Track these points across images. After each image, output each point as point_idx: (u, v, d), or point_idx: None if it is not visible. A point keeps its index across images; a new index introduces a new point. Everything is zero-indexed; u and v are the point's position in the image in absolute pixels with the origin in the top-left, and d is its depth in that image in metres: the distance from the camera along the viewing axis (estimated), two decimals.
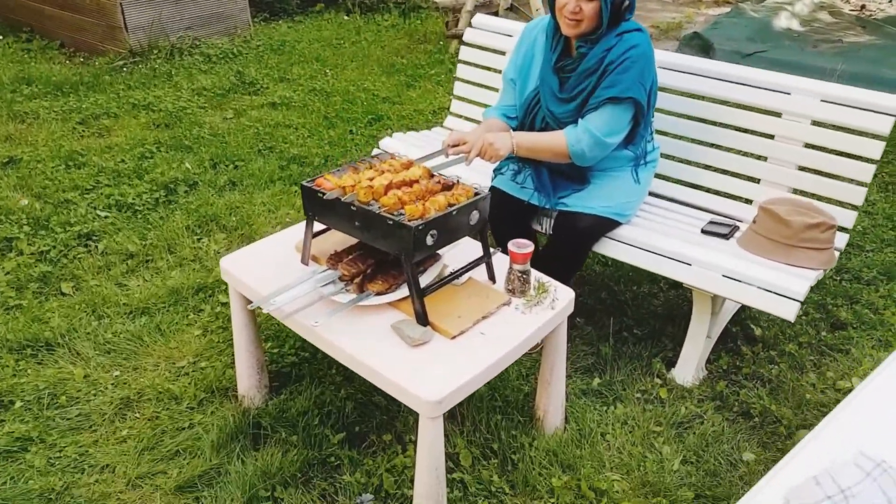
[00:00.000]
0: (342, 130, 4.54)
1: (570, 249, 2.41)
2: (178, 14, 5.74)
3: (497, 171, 2.58)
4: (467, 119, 3.38)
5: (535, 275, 2.06)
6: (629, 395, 2.39)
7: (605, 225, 2.39)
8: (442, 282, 1.96)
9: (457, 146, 2.27)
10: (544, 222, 2.52)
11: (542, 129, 2.37)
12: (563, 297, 2.02)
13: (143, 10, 5.53)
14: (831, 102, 2.40)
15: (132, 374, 2.52)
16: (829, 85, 2.42)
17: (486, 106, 3.25)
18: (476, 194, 1.97)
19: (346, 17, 7.25)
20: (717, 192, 2.68)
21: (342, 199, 1.91)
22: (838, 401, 2.33)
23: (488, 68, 3.22)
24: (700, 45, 6.62)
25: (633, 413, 2.31)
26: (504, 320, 1.92)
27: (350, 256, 2.02)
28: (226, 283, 2.28)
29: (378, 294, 1.94)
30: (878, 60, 6.19)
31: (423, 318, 1.86)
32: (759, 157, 2.58)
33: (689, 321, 2.42)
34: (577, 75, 2.25)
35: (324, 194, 1.93)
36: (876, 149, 2.31)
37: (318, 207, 1.97)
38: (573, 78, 2.26)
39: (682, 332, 2.49)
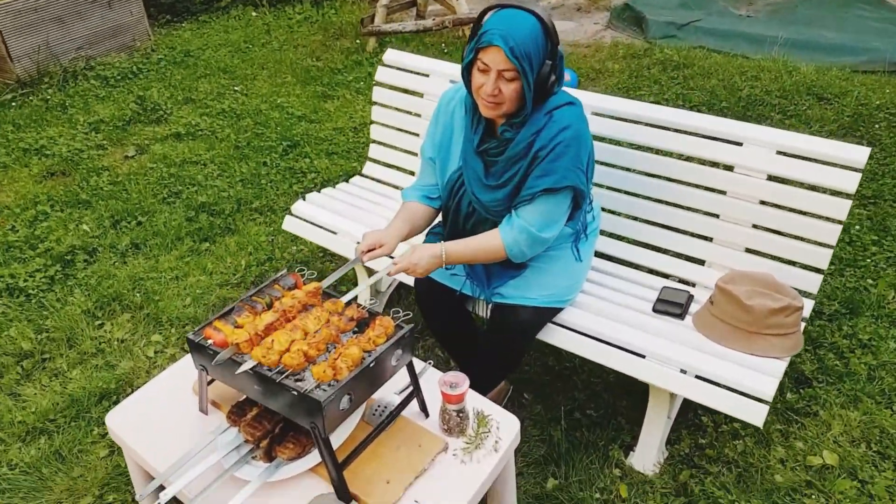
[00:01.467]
0: (255, 163, 4.14)
1: (507, 345, 2.15)
2: (66, 34, 5.16)
3: None
4: (387, 166, 3.06)
5: (472, 404, 1.80)
6: (587, 498, 2.18)
7: (547, 314, 2.14)
8: (365, 443, 1.68)
9: (372, 250, 1.97)
10: (480, 306, 2.25)
11: (469, 214, 2.08)
12: (507, 431, 1.77)
13: (27, 35, 4.93)
14: (789, 155, 2.16)
15: None
16: (786, 135, 2.17)
17: (405, 152, 2.96)
18: (398, 328, 1.68)
19: (254, 13, 6.70)
20: (665, 251, 2.44)
21: (235, 360, 1.59)
22: (809, 482, 2.18)
23: (406, 111, 2.89)
24: (632, 17, 6.34)
25: None
26: (442, 475, 1.66)
27: (253, 412, 1.71)
28: (133, 387, 1.95)
29: (290, 459, 1.65)
30: (816, 21, 6.03)
31: (344, 495, 1.58)
32: (710, 214, 2.35)
33: (646, 399, 2.21)
34: (505, 161, 1.95)
35: (214, 352, 1.62)
36: (841, 209, 2.08)
37: (209, 365, 1.66)
38: (500, 164, 1.96)
39: (639, 410, 2.27)
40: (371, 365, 1.58)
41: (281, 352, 1.57)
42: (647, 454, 2.26)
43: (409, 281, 2.40)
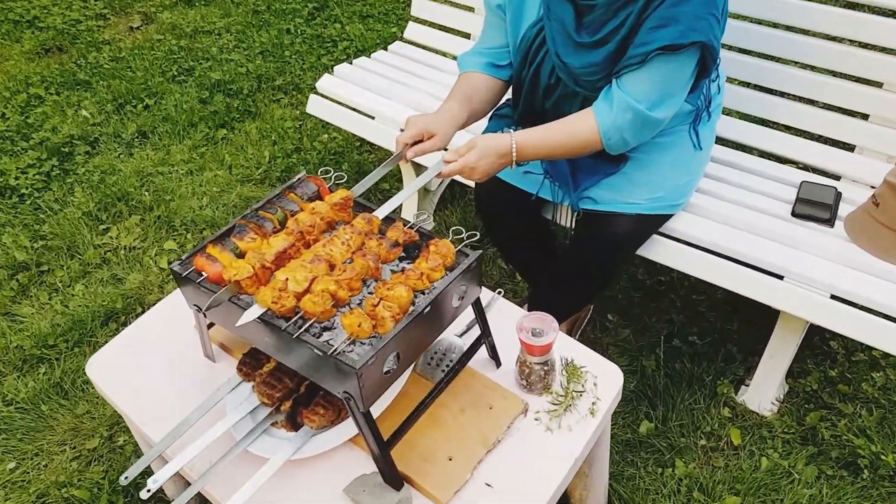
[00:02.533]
0: (277, 31, 3.56)
1: (597, 264, 1.66)
2: None
3: None
4: (435, 26, 2.46)
5: (560, 351, 1.34)
6: (690, 445, 1.76)
7: (652, 223, 1.63)
8: (418, 410, 1.24)
9: (419, 142, 1.45)
10: (563, 214, 1.74)
11: (550, 87, 1.53)
12: (607, 387, 1.32)
13: None
14: None
15: (33, 463, 1.89)
16: None
17: (460, 6, 2.34)
18: (461, 255, 1.21)
19: None
20: (806, 134, 1.87)
21: (237, 304, 1.15)
22: None
23: None
24: None
25: (698, 476, 1.69)
26: (522, 448, 1.24)
27: (271, 364, 1.29)
28: (144, 305, 1.57)
29: (321, 428, 1.24)
30: None
31: (393, 479, 1.18)
32: (870, 83, 1.75)
33: (763, 319, 1.74)
34: (605, 6, 1.37)
35: (208, 289, 1.17)
36: None
37: (205, 305, 1.21)
38: (598, 10, 1.39)
39: (753, 333, 1.82)
40: (426, 311, 1.12)
41: (298, 293, 1.11)
42: (766, 390, 1.81)
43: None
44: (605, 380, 1.32)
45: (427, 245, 1.20)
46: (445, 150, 1.48)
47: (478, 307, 1.28)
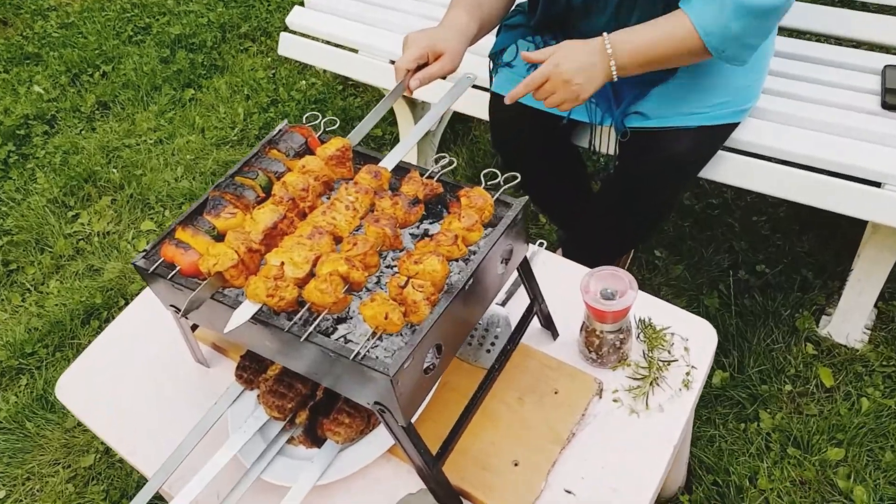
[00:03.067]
0: None
1: (653, 195, 1.38)
2: None
3: (497, 59, 1.45)
4: None
5: (635, 313, 1.08)
6: (774, 393, 1.51)
7: (717, 136, 1.34)
8: (469, 409, 0.98)
9: (423, 66, 1.15)
10: (602, 138, 1.45)
11: None
12: (701, 350, 1.06)
13: None
14: None
15: (25, 489, 1.66)
16: None
17: None
18: (500, 206, 0.93)
19: None
20: (884, 8, 1.56)
21: (222, 302, 0.87)
22: None
23: None
24: None
25: (789, 428, 1.45)
26: (604, 440, 0.99)
27: (276, 367, 1.03)
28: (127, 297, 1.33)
29: (348, 441, 0.99)
30: None
31: (450, 498, 0.93)
32: None
33: (836, 233, 1.47)
34: None
35: (184, 285, 0.90)
36: None
37: (182, 305, 0.94)
38: None
39: (828, 250, 1.56)
40: (470, 284, 0.84)
41: (299, 280, 0.84)
42: (854, 318, 1.55)
43: (477, 109, 1.59)
44: (697, 342, 1.06)
45: (457, 197, 0.92)
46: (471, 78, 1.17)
47: (526, 268, 1.01)
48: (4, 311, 2.04)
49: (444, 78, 1.18)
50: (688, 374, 1.01)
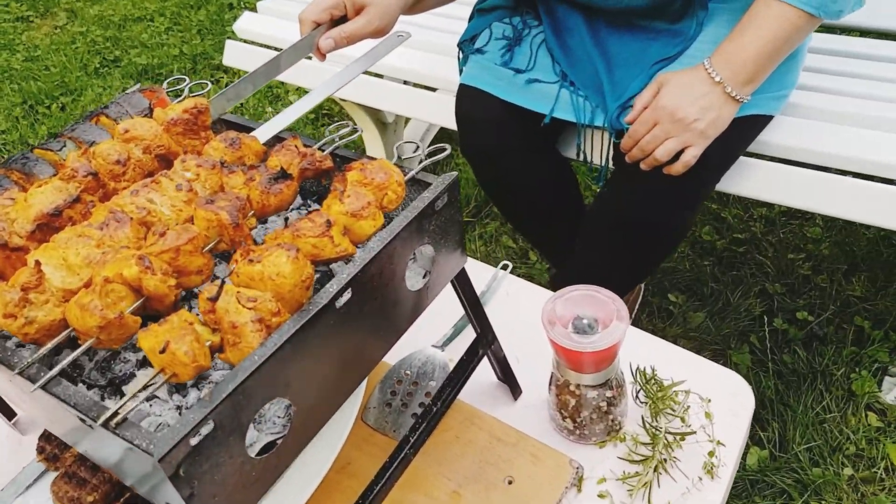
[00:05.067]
0: (217, 7, 2.99)
1: (661, 213, 1.04)
2: None
3: (467, 45, 1.15)
4: None
5: (631, 360, 0.73)
6: (830, 478, 1.13)
7: (745, 134, 1.01)
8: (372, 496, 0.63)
9: (340, 23, 0.85)
10: (593, 143, 1.13)
11: None
12: (729, 418, 0.71)
13: None
14: None
15: None
16: None
17: None
18: (420, 187, 0.60)
19: None
20: None
21: None
22: None
23: None
24: None
25: None
26: None
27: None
28: None
29: None
30: None
31: None
32: None
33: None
34: None
35: None
36: None
37: None
38: None
39: (890, 296, 1.20)
40: (342, 303, 0.51)
41: (68, 293, 0.51)
42: None
43: (445, 119, 1.28)
44: (722, 405, 0.71)
45: (342, 172, 0.59)
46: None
47: (464, 284, 0.67)
48: None
49: (373, 39, 0.88)
50: (712, 453, 0.66)
